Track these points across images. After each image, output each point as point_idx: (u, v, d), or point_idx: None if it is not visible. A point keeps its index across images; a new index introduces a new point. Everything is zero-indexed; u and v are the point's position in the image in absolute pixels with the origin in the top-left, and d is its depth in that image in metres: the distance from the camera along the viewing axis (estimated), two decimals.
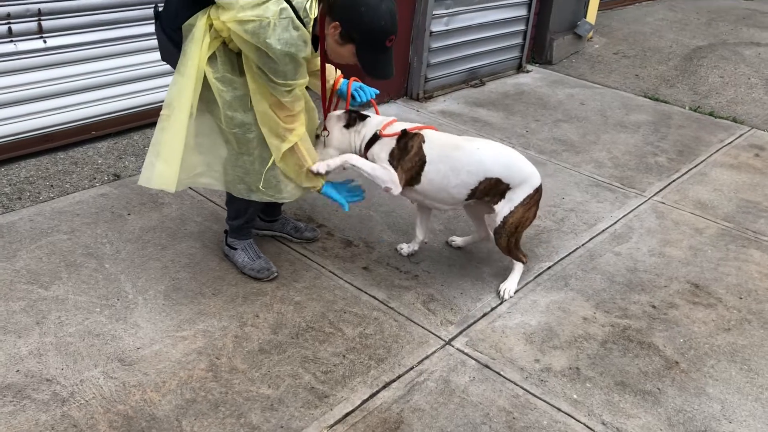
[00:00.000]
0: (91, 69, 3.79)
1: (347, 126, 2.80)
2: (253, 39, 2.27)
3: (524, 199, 2.78)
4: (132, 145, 3.93)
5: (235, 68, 2.46)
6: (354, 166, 2.72)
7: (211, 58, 2.42)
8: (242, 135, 2.53)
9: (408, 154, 2.74)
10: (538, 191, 2.84)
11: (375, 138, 2.78)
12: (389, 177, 2.71)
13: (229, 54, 2.44)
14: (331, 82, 2.83)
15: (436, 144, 2.76)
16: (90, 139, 3.89)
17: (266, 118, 2.47)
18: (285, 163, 2.57)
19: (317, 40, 2.47)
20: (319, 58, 2.61)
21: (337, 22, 2.36)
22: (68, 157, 3.72)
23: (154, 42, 3.95)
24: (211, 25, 2.36)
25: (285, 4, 2.27)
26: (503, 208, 2.79)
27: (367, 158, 2.80)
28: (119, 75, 3.92)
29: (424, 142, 2.75)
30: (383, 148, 2.76)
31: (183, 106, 2.41)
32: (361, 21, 2.34)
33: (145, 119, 4.10)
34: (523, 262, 2.99)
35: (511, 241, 2.86)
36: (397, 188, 2.73)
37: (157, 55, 3.99)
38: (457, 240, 3.26)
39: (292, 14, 2.27)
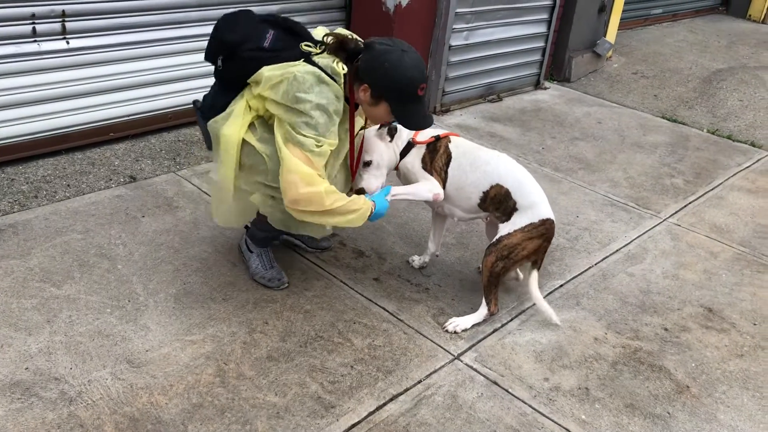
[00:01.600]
0: (112, 71, 3.83)
1: (391, 138, 2.77)
2: (284, 99, 2.35)
3: (526, 226, 2.71)
4: (149, 148, 3.95)
5: (271, 130, 2.50)
6: (395, 196, 2.72)
7: (250, 126, 2.52)
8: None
9: (437, 153, 2.78)
10: (545, 224, 2.73)
11: (409, 146, 2.80)
12: (429, 186, 2.75)
13: (264, 121, 2.54)
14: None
15: (461, 144, 2.84)
16: (108, 140, 3.92)
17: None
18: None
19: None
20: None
21: (365, 85, 2.41)
22: (85, 157, 3.75)
23: (175, 46, 4.03)
24: (249, 106, 2.49)
25: (310, 67, 2.37)
26: (504, 228, 2.75)
27: (398, 170, 2.84)
28: (140, 78, 3.96)
29: (450, 142, 2.82)
30: (417, 156, 2.80)
31: (227, 186, 2.57)
32: (387, 78, 2.37)
33: (163, 123, 4.14)
34: (489, 310, 2.80)
35: (497, 265, 2.71)
36: (441, 190, 2.76)
37: (177, 59, 4.08)
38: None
39: (319, 71, 2.36)
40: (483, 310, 2.81)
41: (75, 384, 2.30)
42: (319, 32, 2.56)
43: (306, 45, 2.46)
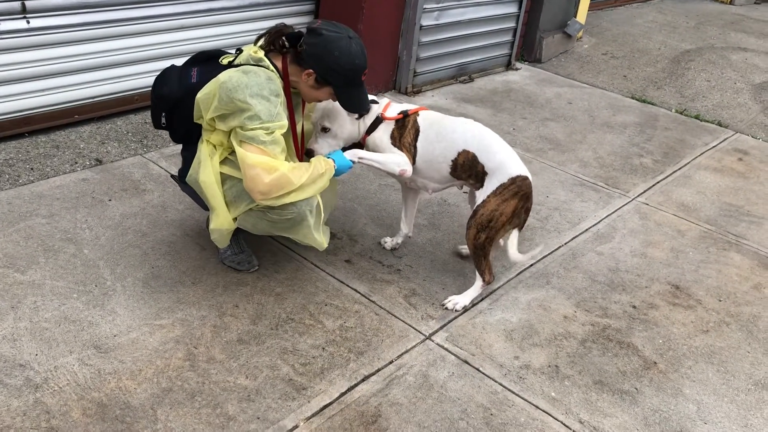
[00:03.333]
0: (76, 52, 3.73)
1: (360, 117, 2.76)
2: (222, 106, 2.40)
3: (497, 188, 2.67)
4: (115, 130, 3.88)
5: None
6: (362, 159, 2.72)
7: (225, 161, 2.57)
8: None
9: (405, 129, 2.78)
10: (515, 182, 2.67)
11: (377, 122, 2.79)
12: (399, 159, 2.75)
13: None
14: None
15: (428, 116, 2.84)
16: (73, 123, 3.83)
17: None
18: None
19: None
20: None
21: (310, 70, 2.48)
22: (50, 140, 3.67)
23: (140, 26, 3.95)
24: (214, 146, 2.55)
25: (232, 69, 2.45)
26: (479, 196, 2.73)
27: (365, 144, 2.81)
28: (105, 59, 3.87)
29: (418, 115, 2.82)
30: (385, 132, 2.78)
31: (228, 226, 2.61)
32: (337, 65, 2.46)
33: (129, 104, 4.06)
34: (484, 281, 2.82)
35: (479, 237, 2.69)
36: (409, 167, 2.77)
37: (142, 39, 4.00)
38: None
39: (241, 67, 2.44)
40: (479, 282, 2.82)
41: (41, 370, 2.26)
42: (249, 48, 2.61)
43: (224, 58, 2.57)
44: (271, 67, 2.49)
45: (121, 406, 2.17)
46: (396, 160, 2.75)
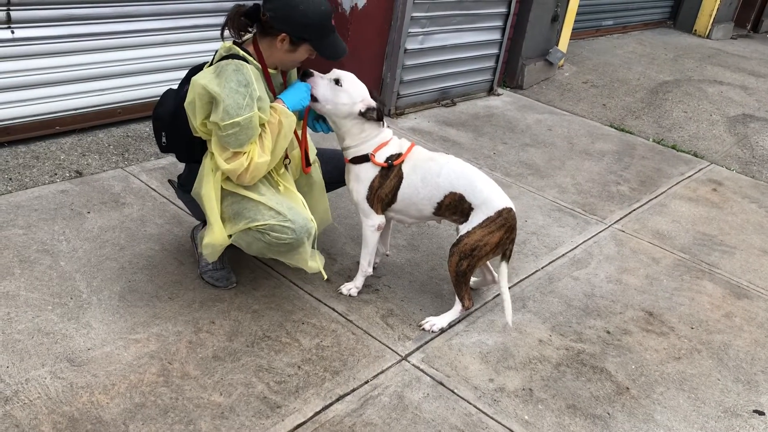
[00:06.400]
0: (59, 63, 3.73)
1: (377, 119, 2.74)
2: (205, 103, 2.42)
3: (483, 221, 2.72)
4: (97, 142, 3.87)
5: None
6: (362, 267, 2.93)
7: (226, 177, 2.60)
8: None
9: (387, 179, 2.77)
10: (501, 215, 2.73)
11: (364, 159, 2.76)
12: (372, 226, 2.83)
13: None
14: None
15: (411, 158, 2.80)
16: (54, 134, 3.82)
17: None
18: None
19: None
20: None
21: (282, 35, 2.48)
22: (29, 151, 3.65)
23: (125, 40, 3.96)
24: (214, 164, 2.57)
25: (204, 70, 2.49)
26: (463, 228, 2.78)
27: (346, 168, 2.84)
28: (88, 71, 3.87)
29: (402, 162, 2.78)
30: (367, 178, 2.77)
31: (222, 241, 2.61)
32: (306, 17, 2.45)
33: (112, 117, 4.05)
34: (464, 306, 2.84)
35: (461, 264, 2.73)
36: (381, 222, 2.84)
37: (127, 53, 4.00)
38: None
39: (213, 67, 2.46)
40: (457, 306, 2.85)
41: (11, 383, 2.23)
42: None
43: (206, 65, 2.61)
44: (241, 53, 2.49)
45: (92, 421, 2.15)
46: (370, 230, 2.84)
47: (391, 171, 2.77)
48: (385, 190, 2.78)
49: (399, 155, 2.78)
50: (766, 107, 6.89)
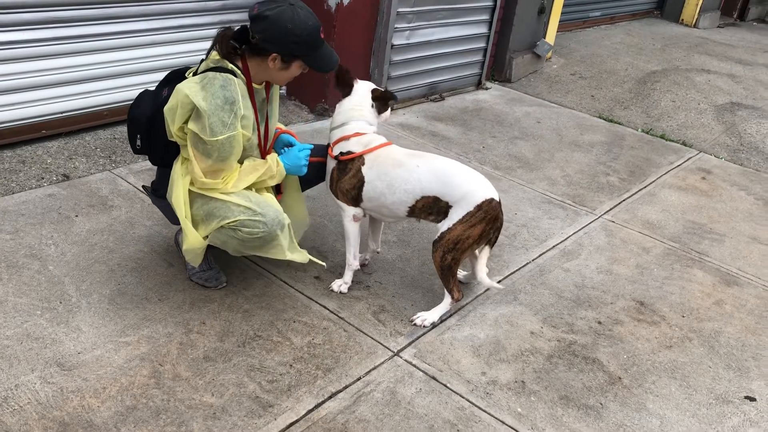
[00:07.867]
0: (44, 66, 3.71)
1: (383, 108, 2.89)
2: (187, 111, 2.42)
3: (464, 217, 2.68)
4: (84, 145, 3.85)
5: None
6: (349, 260, 2.95)
7: None
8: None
9: (345, 174, 2.78)
10: (482, 208, 2.67)
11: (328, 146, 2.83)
12: (348, 216, 2.86)
13: None
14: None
15: (377, 162, 2.76)
16: (40, 138, 3.80)
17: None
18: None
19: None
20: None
21: (273, 54, 2.48)
22: (15, 155, 3.63)
23: (111, 42, 3.93)
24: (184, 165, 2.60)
25: (190, 80, 2.47)
26: (443, 226, 2.73)
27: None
28: (73, 74, 3.84)
29: (363, 164, 2.77)
30: (329, 167, 2.85)
31: (199, 245, 2.62)
32: (294, 35, 2.45)
33: (98, 120, 4.03)
34: (453, 298, 2.84)
35: (446, 258, 2.71)
36: (357, 212, 2.86)
37: (113, 55, 3.98)
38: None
39: (199, 78, 2.45)
40: (447, 300, 2.85)
41: (1, 389, 2.22)
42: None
43: (189, 71, 2.60)
44: (231, 66, 2.48)
45: (83, 425, 2.14)
46: (348, 220, 2.87)
47: (349, 169, 2.78)
48: (345, 185, 2.79)
49: (349, 153, 2.78)
50: (754, 95, 6.92)
